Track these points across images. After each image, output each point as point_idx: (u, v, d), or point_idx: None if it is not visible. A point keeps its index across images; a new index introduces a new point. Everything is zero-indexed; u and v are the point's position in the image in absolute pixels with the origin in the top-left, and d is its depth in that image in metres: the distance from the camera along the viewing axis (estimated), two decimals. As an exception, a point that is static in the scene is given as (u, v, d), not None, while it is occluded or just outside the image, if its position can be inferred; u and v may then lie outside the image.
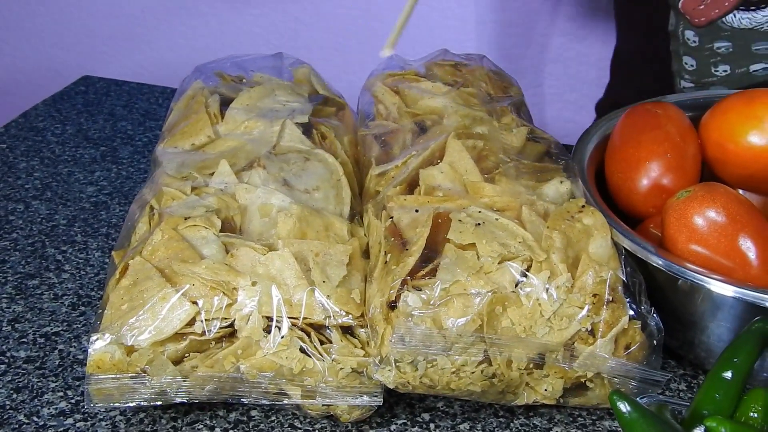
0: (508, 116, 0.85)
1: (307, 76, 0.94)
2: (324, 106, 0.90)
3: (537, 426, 0.72)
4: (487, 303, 0.65)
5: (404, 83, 0.89)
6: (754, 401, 0.62)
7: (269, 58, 0.96)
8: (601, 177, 0.84)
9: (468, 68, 0.92)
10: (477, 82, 0.89)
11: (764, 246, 0.72)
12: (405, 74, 0.91)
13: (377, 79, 0.92)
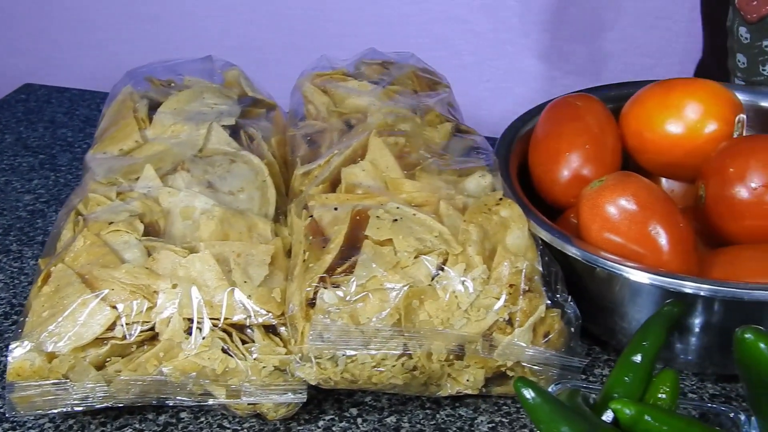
0: (433, 113, 0.86)
1: (237, 79, 0.95)
2: (253, 107, 0.91)
3: (462, 416, 0.73)
4: (404, 297, 0.67)
5: (332, 83, 0.90)
6: (662, 382, 0.63)
7: (199, 61, 0.97)
8: (527, 170, 0.86)
9: (396, 66, 0.93)
10: (404, 79, 0.90)
11: (674, 232, 0.73)
12: (333, 74, 0.92)
13: (306, 80, 0.93)
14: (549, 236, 0.74)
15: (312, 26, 1.85)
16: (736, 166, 0.76)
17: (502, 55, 1.85)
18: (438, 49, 1.83)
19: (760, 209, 0.75)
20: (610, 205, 0.73)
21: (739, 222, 0.76)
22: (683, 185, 0.85)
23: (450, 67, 1.89)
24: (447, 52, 1.85)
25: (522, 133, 0.86)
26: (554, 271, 0.73)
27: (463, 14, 1.82)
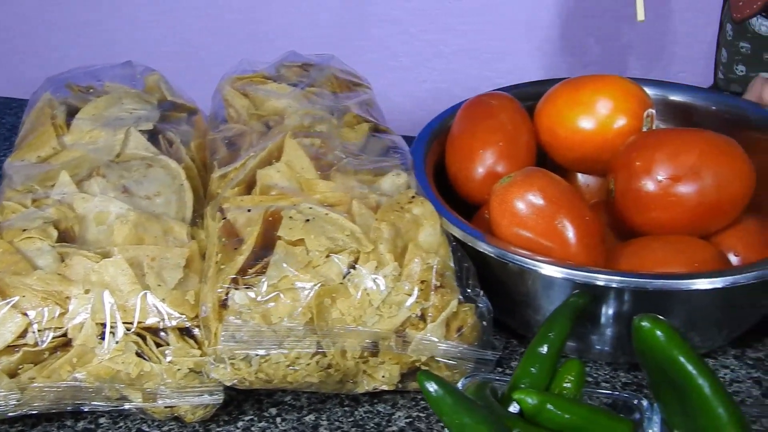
0: (351, 114, 0.87)
1: (157, 83, 0.95)
2: (173, 112, 0.91)
3: (381, 412, 0.74)
4: (315, 296, 0.67)
5: (252, 86, 0.91)
6: (567, 372, 0.65)
7: (119, 66, 0.97)
8: (445, 168, 0.87)
9: (316, 68, 0.94)
10: (323, 81, 0.91)
11: (580, 225, 0.75)
12: (252, 77, 0.92)
13: (227, 83, 0.93)
14: (461, 233, 0.75)
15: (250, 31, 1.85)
16: (643, 159, 0.78)
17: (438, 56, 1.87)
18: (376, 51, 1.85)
19: (666, 201, 0.77)
20: (518, 200, 0.75)
21: (646, 214, 0.78)
22: (598, 179, 0.87)
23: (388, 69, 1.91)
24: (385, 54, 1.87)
25: (439, 132, 0.87)
26: (466, 266, 0.74)
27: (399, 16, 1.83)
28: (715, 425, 0.60)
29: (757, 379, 0.77)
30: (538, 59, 1.79)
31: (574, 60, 1.80)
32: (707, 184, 0.76)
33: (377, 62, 1.80)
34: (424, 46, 1.85)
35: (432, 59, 1.85)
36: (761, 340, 0.82)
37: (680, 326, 0.71)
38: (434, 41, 1.84)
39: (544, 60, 1.80)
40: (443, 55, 1.84)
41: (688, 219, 0.77)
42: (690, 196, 0.76)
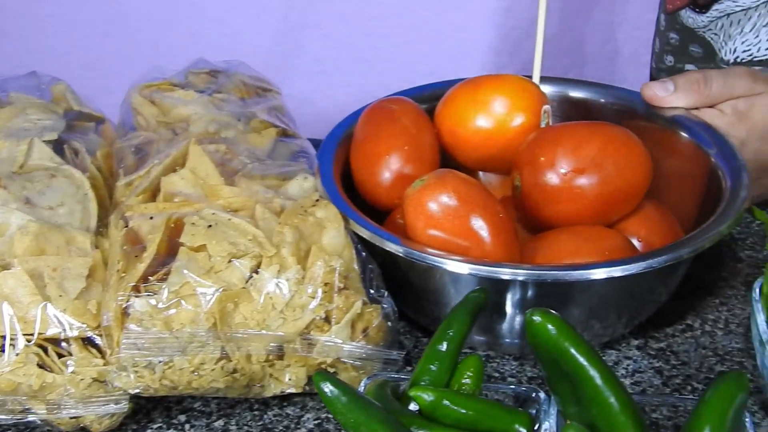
0: (258, 119, 0.87)
1: (63, 93, 0.94)
2: (80, 121, 0.91)
3: (289, 415, 0.75)
4: (217, 301, 0.68)
5: (159, 93, 0.91)
6: (466, 368, 0.66)
7: (24, 77, 0.96)
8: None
9: (224, 74, 0.94)
10: (231, 87, 0.92)
11: (495, 223, 0.76)
12: (160, 84, 0.92)
13: (135, 91, 0.93)
14: (369, 234, 0.76)
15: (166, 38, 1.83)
16: (546, 154, 0.80)
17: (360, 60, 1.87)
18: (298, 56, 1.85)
19: (571, 193, 0.79)
20: (432, 202, 0.76)
21: (553, 207, 0.80)
22: (500, 177, 0.89)
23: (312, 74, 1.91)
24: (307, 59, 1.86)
25: (345, 138, 0.88)
26: (371, 268, 0.75)
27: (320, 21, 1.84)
28: (607, 414, 0.62)
29: (658, 369, 0.80)
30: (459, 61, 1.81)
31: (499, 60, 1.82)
32: (608, 174, 0.79)
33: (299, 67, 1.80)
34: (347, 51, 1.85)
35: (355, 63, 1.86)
36: (663, 330, 0.84)
37: (582, 314, 0.74)
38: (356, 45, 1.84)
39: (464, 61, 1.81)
40: (366, 59, 1.84)
41: (593, 208, 0.80)
42: (593, 186, 0.78)
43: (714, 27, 1.04)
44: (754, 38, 1.02)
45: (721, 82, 0.91)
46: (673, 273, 0.79)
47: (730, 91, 0.90)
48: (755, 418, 0.74)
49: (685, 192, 0.88)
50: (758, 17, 1.01)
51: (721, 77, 0.91)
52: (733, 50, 1.03)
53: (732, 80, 0.91)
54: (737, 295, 0.89)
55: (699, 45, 1.05)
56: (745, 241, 0.97)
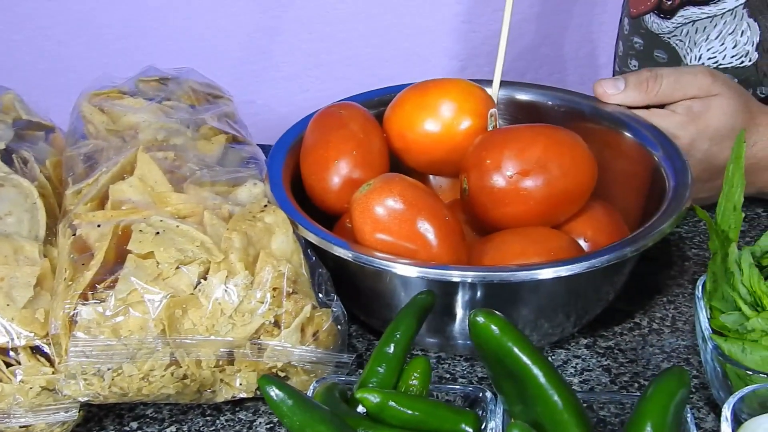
0: (207, 126, 0.88)
1: (12, 102, 0.94)
2: (29, 130, 0.91)
3: (242, 419, 0.75)
4: (165, 307, 0.68)
5: (108, 101, 0.91)
6: (413, 369, 0.67)
7: (-29, 88, 0.95)
8: (301, 180, 0.88)
9: (174, 82, 0.95)
10: (180, 94, 0.92)
11: (441, 226, 0.77)
12: (109, 93, 0.92)
13: (84, 99, 0.93)
14: (317, 239, 0.77)
15: (127, 45, 1.83)
16: (492, 157, 0.81)
17: (319, 65, 1.88)
18: (256, 62, 1.86)
19: (517, 195, 0.80)
20: (378, 206, 0.77)
21: (500, 209, 0.81)
22: (450, 180, 0.90)
23: (270, 79, 1.91)
24: (266, 65, 1.87)
25: (295, 143, 0.89)
26: (321, 272, 0.76)
27: (278, 26, 1.84)
28: (551, 412, 0.63)
29: (606, 367, 0.81)
30: (416, 65, 1.82)
31: (459, 65, 1.84)
32: (553, 176, 0.80)
33: (258, 74, 1.81)
34: (305, 56, 1.86)
35: (313, 68, 1.86)
36: (612, 329, 0.85)
37: (530, 314, 0.75)
38: (315, 50, 1.85)
39: (423, 66, 1.83)
40: (324, 63, 1.85)
41: (540, 210, 0.81)
42: (539, 188, 0.80)
43: (679, 33, 1.06)
44: (719, 45, 1.04)
45: (672, 80, 0.92)
46: (618, 272, 0.80)
47: (683, 90, 0.92)
48: (701, 413, 0.76)
49: (631, 192, 0.89)
50: (723, 25, 1.03)
51: (673, 75, 0.92)
52: (698, 57, 1.05)
53: (686, 79, 0.92)
54: (684, 293, 0.90)
55: (664, 51, 1.07)
56: (693, 240, 0.99)
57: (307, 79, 1.89)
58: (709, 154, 0.92)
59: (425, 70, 1.83)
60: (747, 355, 0.70)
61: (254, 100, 1.86)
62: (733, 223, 0.76)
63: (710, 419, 0.75)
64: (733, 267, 0.73)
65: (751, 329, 0.70)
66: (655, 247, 0.96)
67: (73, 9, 1.80)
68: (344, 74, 1.87)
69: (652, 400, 0.63)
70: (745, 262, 0.73)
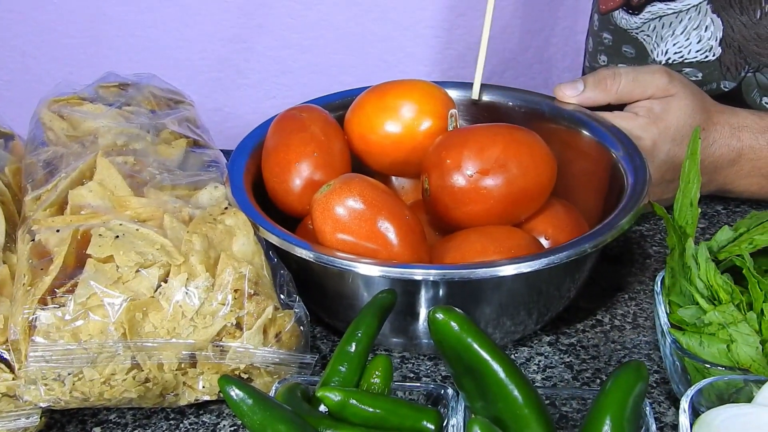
0: (168, 131, 0.87)
1: (-30, 110, 0.93)
2: (-12, 138, 0.90)
3: (206, 422, 0.75)
4: (125, 311, 0.68)
5: (68, 108, 0.90)
6: (375, 368, 0.67)
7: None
8: (263, 183, 0.88)
9: (134, 87, 0.94)
10: (141, 100, 0.92)
11: (401, 225, 0.77)
12: (69, 99, 0.92)
13: (44, 106, 0.92)
14: (279, 240, 0.77)
15: (91, 55, 1.82)
16: (452, 157, 0.81)
17: (285, 72, 1.88)
18: (222, 70, 1.85)
19: (478, 194, 0.81)
20: (339, 206, 0.77)
21: (461, 208, 0.82)
22: (412, 181, 0.90)
23: (236, 87, 1.91)
24: (231, 72, 1.87)
25: (256, 147, 0.89)
26: (282, 273, 0.76)
27: (242, 34, 1.84)
28: (511, 407, 0.64)
29: (569, 364, 0.82)
30: (382, 71, 1.83)
31: (424, 69, 1.85)
32: (513, 175, 0.81)
33: (224, 81, 1.81)
34: (271, 63, 1.86)
35: (280, 75, 1.86)
36: (574, 326, 0.86)
37: (492, 312, 0.76)
38: (280, 58, 1.85)
39: (388, 72, 1.83)
40: (291, 70, 1.85)
41: (500, 208, 0.82)
42: (499, 187, 0.81)
43: (646, 29, 1.07)
44: (684, 41, 1.05)
45: (630, 79, 0.93)
46: (579, 268, 0.81)
47: (641, 88, 0.93)
48: (661, 408, 0.77)
49: (591, 191, 0.90)
50: (689, 20, 1.04)
51: (632, 74, 0.94)
52: (664, 52, 1.07)
53: (644, 78, 0.93)
54: (645, 290, 0.91)
55: (632, 46, 1.08)
56: (654, 238, 1.00)
57: (273, 85, 1.89)
58: (671, 155, 0.93)
59: (392, 76, 1.84)
60: (704, 348, 0.71)
61: (221, 107, 1.86)
62: (690, 218, 0.77)
63: (670, 413, 0.76)
64: (690, 262, 0.74)
65: (708, 323, 0.71)
66: (616, 245, 0.98)
67: (38, 19, 1.79)
68: (310, 81, 1.87)
69: (611, 394, 0.64)
70: (701, 257, 0.74)
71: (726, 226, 0.78)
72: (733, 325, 0.70)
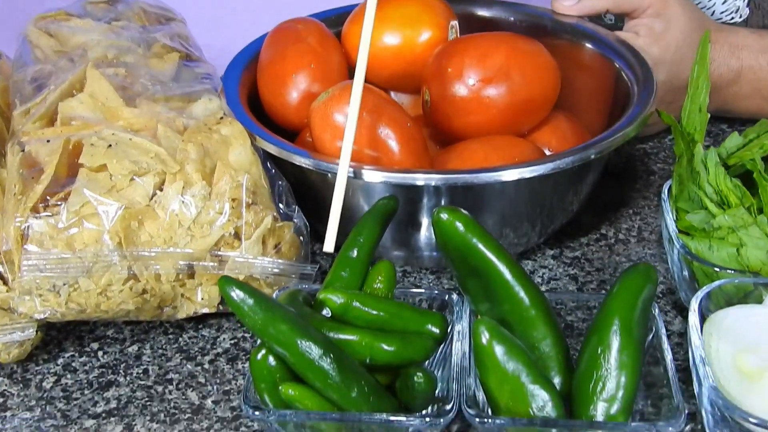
0: (159, 44, 0.85)
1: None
2: (-26, 57, 0.88)
3: (205, 336, 0.74)
4: (120, 219, 0.66)
5: (56, 23, 0.88)
6: (378, 273, 0.65)
7: None
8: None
9: (123, 3, 0.92)
10: (130, 15, 0.89)
11: (403, 132, 0.76)
12: (55, 15, 0.89)
13: (30, 23, 0.90)
14: (276, 149, 0.75)
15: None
16: (453, 65, 0.79)
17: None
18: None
19: (480, 104, 0.79)
20: (338, 113, 0.75)
21: (462, 119, 0.80)
22: (411, 97, 0.88)
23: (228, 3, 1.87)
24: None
25: (251, 62, 0.86)
26: (281, 184, 0.74)
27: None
28: (517, 309, 0.62)
29: (573, 276, 0.80)
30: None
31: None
32: (516, 83, 0.79)
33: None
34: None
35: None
36: (578, 240, 0.85)
37: (495, 223, 0.74)
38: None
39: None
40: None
41: (502, 119, 0.80)
42: (501, 96, 0.79)
43: None
44: (707, 1, 1.02)
45: None
46: (582, 178, 0.79)
47: None
48: (668, 317, 0.75)
49: (595, 104, 0.88)
50: None
51: None
52: None
53: None
54: (650, 205, 0.90)
55: None
56: (658, 155, 0.98)
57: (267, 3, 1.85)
58: (671, 75, 0.91)
59: None
60: (714, 252, 0.69)
61: (212, 28, 1.82)
62: (698, 125, 0.76)
63: (677, 322, 0.75)
64: (699, 167, 0.72)
65: (718, 227, 0.70)
66: (619, 162, 0.96)
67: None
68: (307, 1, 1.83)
69: (619, 297, 0.62)
70: (711, 162, 0.72)
71: (735, 132, 0.77)
72: (743, 228, 0.69)
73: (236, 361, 0.71)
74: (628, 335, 0.60)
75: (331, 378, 0.57)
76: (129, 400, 0.68)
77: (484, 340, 0.58)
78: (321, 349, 0.57)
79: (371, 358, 0.59)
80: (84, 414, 0.67)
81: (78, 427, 0.66)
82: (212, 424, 0.66)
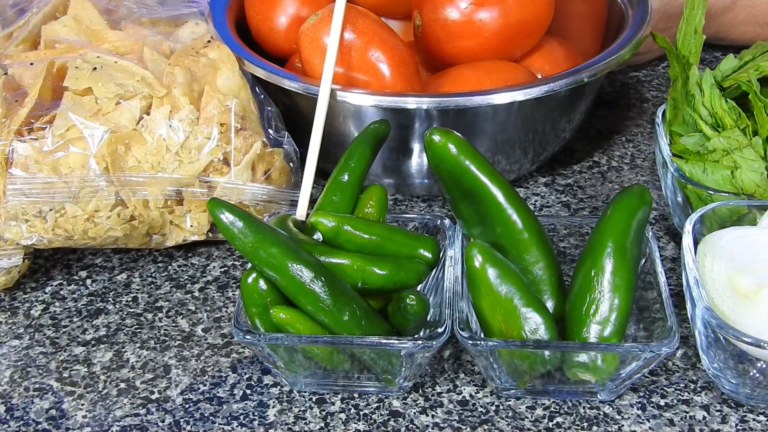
0: (144, -32, 0.83)
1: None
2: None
3: (195, 264, 0.73)
4: (106, 143, 0.65)
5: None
6: (369, 197, 0.65)
7: None
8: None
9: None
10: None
11: (394, 55, 0.74)
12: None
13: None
14: (265, 73, 0.74)
15: None
16: (444, -12, 0.77)
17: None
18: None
19: (472, 28, 0.77)
20: (327, 36, 0.73)
21: (454, 43, 0.78)
22: (402, 24, 0.86)
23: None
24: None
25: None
26: (270, 110, 0.73)
27: None
28: (511, 232, 0.62)
29: (566, 203, 0.80)
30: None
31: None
32: (509, 6, 0.77)
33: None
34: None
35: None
36: (570, 167, 0.84)
37: (487, 149, 0.73)
38: None
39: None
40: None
41: (495, 43, 0.78)
42: (494, 19, 0.77)
43: None
44: None
45: None
46: (575, 103, 0.78)
47: None
48: (661, 242, 0.75)
49: (589, 30, 0.87)
50: None
51: None
52: None
53: None
54: (643, 132, 0.89)
55: None
56: (651, 83, 0.97)
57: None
58: (665, 1, 0.90)
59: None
60: (708, 175, 0.69)
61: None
62: (693, 47, 0.74)
63: (670, 248, 0.75)
64: (694, 89, 0.71)
65: (712, 149, 0.69)
66: (612, 90, 0.95)
67: None
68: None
69: (612, 219, 0.62)
70: (706, 83, 0.71)
71: (731, 55, 0.75)
72: (738, 150, 0.68)
73: (226, 289, 0.71)
74: (621, 257, 0.59)
75: (322, 302, 0.56)
76: (118, 328, 0.67)
77: (477, 263, 0.57)
78: (312, 272, 0.56)
79: (363, 282, 0.59)
80: (73, 341, 0.66)
81: (67, 354, 0.65)
82: (203, 350, 0.65)
